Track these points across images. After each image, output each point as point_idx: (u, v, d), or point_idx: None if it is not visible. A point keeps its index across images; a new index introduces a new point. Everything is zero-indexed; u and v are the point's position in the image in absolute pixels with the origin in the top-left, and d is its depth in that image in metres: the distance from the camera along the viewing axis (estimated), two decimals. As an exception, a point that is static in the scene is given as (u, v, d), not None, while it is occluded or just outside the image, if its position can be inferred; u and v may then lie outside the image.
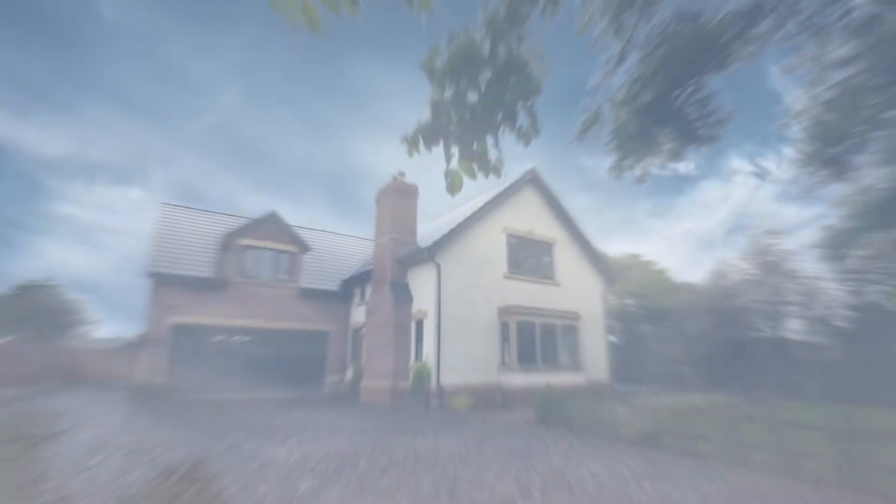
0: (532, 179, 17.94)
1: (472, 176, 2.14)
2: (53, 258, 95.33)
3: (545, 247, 17.86)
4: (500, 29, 1.94)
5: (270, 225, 18.95)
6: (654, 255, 76.57)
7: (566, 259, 18.34)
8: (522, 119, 2.10)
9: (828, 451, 6.09)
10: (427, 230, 19.29)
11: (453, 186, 2.16)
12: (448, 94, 1.95)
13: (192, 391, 16.45)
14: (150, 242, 17.81)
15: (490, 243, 16.18)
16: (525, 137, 2.12)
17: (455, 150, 2.10)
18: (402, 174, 16.97)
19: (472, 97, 1.98)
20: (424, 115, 2.06)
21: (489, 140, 2.11)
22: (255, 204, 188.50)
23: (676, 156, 2.60)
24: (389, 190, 16.82)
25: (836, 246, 18.22)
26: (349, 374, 19.04)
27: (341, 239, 25.74)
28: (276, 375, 18.32)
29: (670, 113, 2.50)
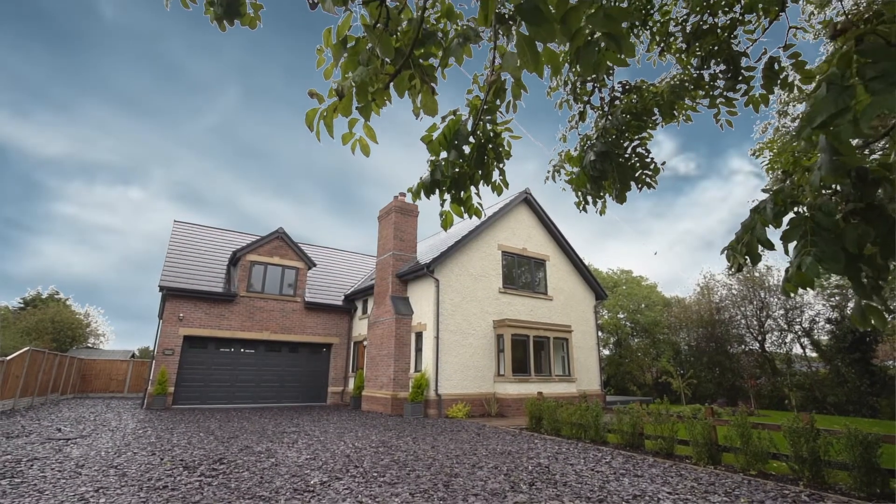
0: (525, 199, 18.76)
1: (461, 216, 2.91)
2: (53, 258, 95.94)
3: (538, 263, 18.59)
4: (479, 112, 2.71)
5: (278, 241, 19.73)
6: (649, 262, 77.39)
7: (558, 275, 19.06)
8: (496, 176, 2.87)
9: (788, 450, 6.76)
10: (426, 247, 20.06)
11: (446, 223, 2.92)
12: (442, 157, 2.72)
13: (200, 400, 17.03)
14: (164, 258, 18.54)
15: (486, 259, 16.91)
16: (497, 189, 2.88)
17: (447, 197, 2.87)
18: (402, 194, 17.77)
19: (460, 160, 2.75)
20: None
21: (472, 190, 2.88)
22: (255, 204, 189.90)
23: (621, 199, 3.35)
24: (391, 209, 17.62)
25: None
26: (351, 384, 19.59)
27: (344, 255, 26.58)
28: (281, 386, 18.91)
29: (612, 167, 3.25)
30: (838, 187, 1.82)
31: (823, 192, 1.87)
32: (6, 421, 11.38)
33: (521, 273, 18.03)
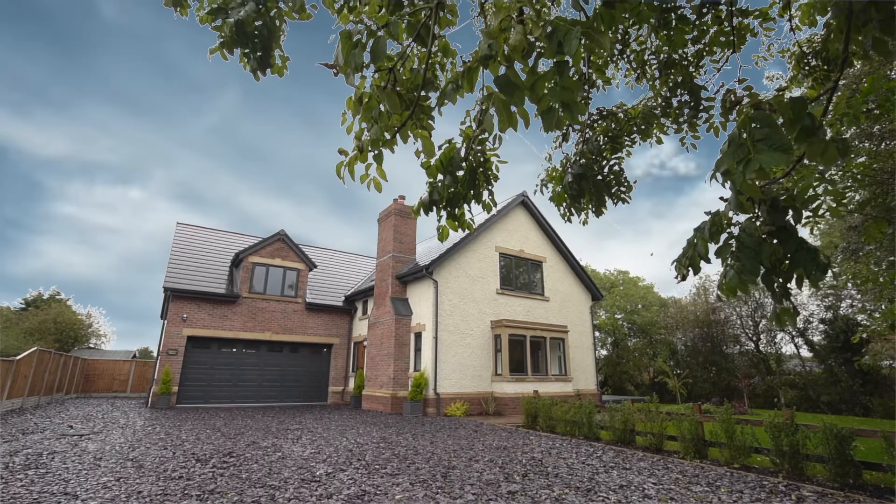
0: (522, 202, 19.16)
1: (455, 230, 3.30)
2: (54, 258, 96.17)
3: (535, 264, 18.99)
4: (472, 141, 3.11)
5: (279, 243, 20.12)
6: (648, 263, 77.78)
7: (555, 276, 19.45)
8: (486, 196, 3.26)
9: (770, 444, 7.14)
10: (425, 248, 20.44)
11: (442, 236, 3.32)
12: (439, 179, 3.11)
13: (203, 399, 17.41)
14: (167, 259, 18.93)
15: (483, 261, 17.30)
16: (487, 208, 3.27)
17: (444, 213, 3.26)
18: (402, 197, 18.16)
19: (454, 182, 3.14)
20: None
21: (465, 207, 3.27)
22: (255, 204, 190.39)
23: (598, 213, 3.74)
24: (390, 211, 18.01)
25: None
26: (351, 384, 19.96)
27: (345, 256, 26.97)
28: (282, 385, 19.29)
29: (590, 184, 3.64)
30: (758, 212, 2.22)
31: (749, 216, 2.27)
32: (18, 418, 11.75)
33: (519, 274, 18.42)
